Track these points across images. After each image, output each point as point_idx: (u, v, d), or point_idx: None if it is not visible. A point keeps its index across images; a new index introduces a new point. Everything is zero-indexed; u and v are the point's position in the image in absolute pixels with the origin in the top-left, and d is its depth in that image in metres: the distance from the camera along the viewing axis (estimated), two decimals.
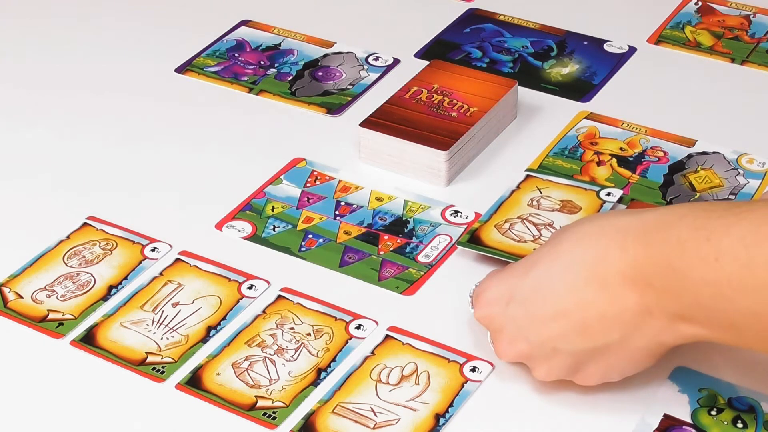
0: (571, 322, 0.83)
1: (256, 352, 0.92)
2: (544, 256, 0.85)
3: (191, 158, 1.12)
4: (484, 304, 0.88)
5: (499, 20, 1.28)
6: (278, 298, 0.96)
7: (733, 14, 1.28)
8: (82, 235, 1.03)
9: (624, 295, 0.81)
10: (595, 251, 0.82)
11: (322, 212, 1.05)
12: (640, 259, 0.80)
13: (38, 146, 1.14)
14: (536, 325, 0.84)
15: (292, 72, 1.22)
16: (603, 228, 0.83)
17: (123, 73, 1.23)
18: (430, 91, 1.12)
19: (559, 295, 0.83)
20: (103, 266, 1.00)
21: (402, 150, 1.07)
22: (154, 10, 1.33)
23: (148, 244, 1.02)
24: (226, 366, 0.91)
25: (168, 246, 1.01)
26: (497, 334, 0.87)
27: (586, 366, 0.84)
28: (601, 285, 0.81)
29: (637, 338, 0.82)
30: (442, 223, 1.03)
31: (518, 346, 0.86)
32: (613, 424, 0.86)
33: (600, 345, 0.83)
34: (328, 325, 0.94)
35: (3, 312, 0.96)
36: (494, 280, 0.88)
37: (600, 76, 1.20)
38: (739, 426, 0.85)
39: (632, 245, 0.80)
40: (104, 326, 0.94)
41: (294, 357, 0.91)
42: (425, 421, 0.86)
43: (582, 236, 0.83)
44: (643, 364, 0.84)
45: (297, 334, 0.93)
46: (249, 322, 0.94)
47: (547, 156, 1.10)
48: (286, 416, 0.87)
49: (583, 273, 0.82)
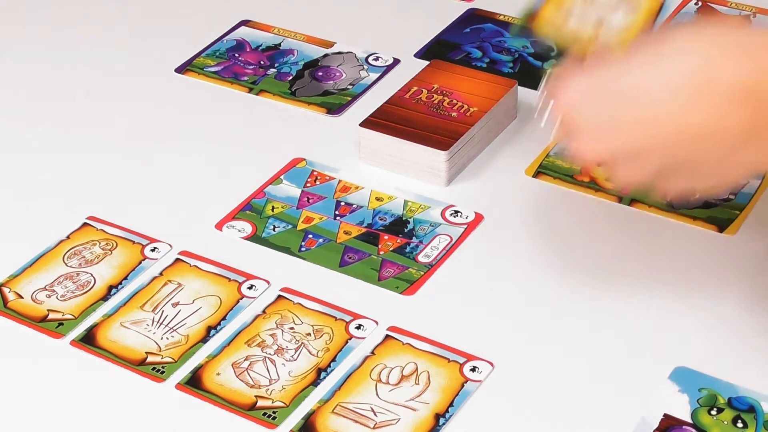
0: (669, 128, 0.77)
1: (256, 352, 0.92)
2: (640, 59, 0.78)
3: (191, 158, 1.12)
4: (568, 94, 0.80)
5: (499, 20, 1.28)
6: (278, 298, 0.96)
7: (733, 14, 1.28)
8: (82, 235, 1.03)
9: (735, 110, 0.75)
10: (707, 60, 0.76)
11: (322, 212, 1.05)
12: (756, 76, 0.75)
13: (38, 146, 1.14)
14: (628, 128, 0.78)
15: (292, 72, 1.22)
16: (713, 39, 0.77)
17: (123, 73, 1.23)
18: (430, 91, 1.12)
19: (659, 100, 0.77)
20: (103, 266, 1.00)
21: (402, 150, 1.07)
22: (154, 10, 1.33)
23: (148, 244, 1.02)
24: (226, 366, 0.91)
25: (168, 246, 1.01)
26: (578, 130, 0.81)
27: (674, 175, 0.79)
28: (711, 95, 0.75)
29: (740, 157, 0.77)
30: (442, 223, 1.03)
31: (603, 145, 0.79)
32: (613, 424, 0.86)
33: (697, 157, 0.77)
34: (328, 325, 0.94)
35: (3, 312, 0.96)
36: (581, 75, 0.81)
37: None
38: (739, 426, 0.85)
39: (748, 60, 0.75)
40: (104, 326, 0.94)
41: (294, 357, 0.91)
42: (425, 421, 0.87)
43: (689, 44, 0.77)
44: (733, 181, 0.79)
45: (297, 334, 0.93)
46: (249, 322, 0.94)
47: (547, 156, 1.10)
48: (286, 416, 0.87)
49: (690, 80, 0.76)
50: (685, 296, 0.96)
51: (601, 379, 0.89)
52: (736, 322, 0.94)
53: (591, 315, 0.95)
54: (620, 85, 0.79)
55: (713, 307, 0.95)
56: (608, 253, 1.00)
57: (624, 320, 0.94)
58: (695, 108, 0.76)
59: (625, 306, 0.95)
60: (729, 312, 0.94)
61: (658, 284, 0.97)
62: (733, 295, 0.96)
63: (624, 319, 0.94)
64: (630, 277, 0.98)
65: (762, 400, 0.87)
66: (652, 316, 0.94)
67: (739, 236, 1.01)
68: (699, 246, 1.01)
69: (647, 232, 1.02)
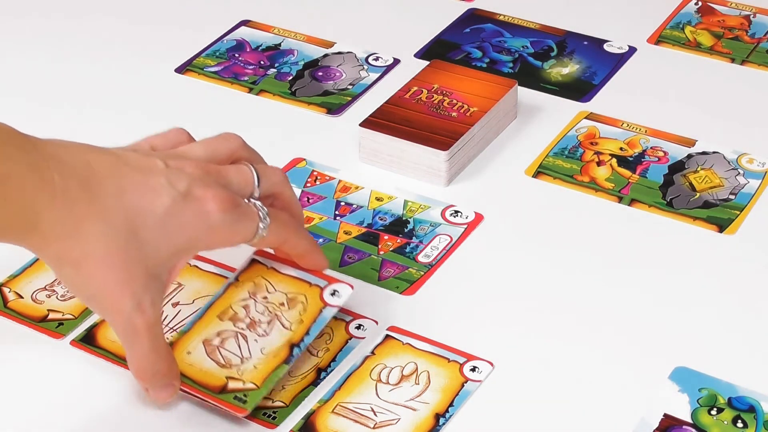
0: None
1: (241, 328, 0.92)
2: None
3: None
4: None
5: (499, 20, 1.28)
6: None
7: (733, 14, 1.28)
8: None
9: None
10: None
11: (322, 212, 1.05)
12: None
13: None
14: None
15: (292, 72, 1.22)
16: None
17: (123, 72, 1.23)
18: (430, 91, 1.12)
19: None
20: None
21: (402, 150, 1.07)
22: (154, 10, 1.33)
23: None
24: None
25: None
26: None
27: None
28: None
29: None
30: (442, 223, 1.03)
31: None
32: (613, 424, 0.86)
33: None
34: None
35: (3, 312, 0.96)
36: None
37: (600, 76, 1.20)
38: (739, 426, 0.85)
39: None
40: (104, 326, 0.94)
41: (267, 332, 0.91)
42: (425, 421, 0.87)
43: None
44: None
45: (270, 304, 0.92)
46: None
47: (547, 156, 1.10)
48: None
49: None
50: (685, 296, 0.96)
51: (600, 379, 0.89)
52: (736, 322, 0.94)
53: (591, 315, 0.95)
54: None
55: (713, 307, 0.95)
56: (608, 253, 1.00)
57: (624, 320, 0.94)
58: None
59: (625, 306, 0.95)
60: (729, 312, 0.94)
61: (658, 284, 0.97)
62: (733, 295, 0.96)
63: (624, 319, 0.94)
64: (630, 276, 0.98)
65: (762, 400, 0.87)
66: (652, 316, 0.94)
67: (739, 236, 1.01)
68: (699, 246, 1.01)
69: (647, 232, 1.02)
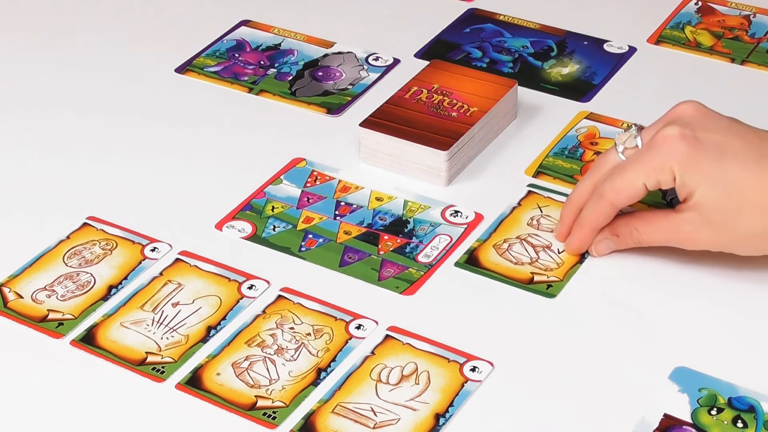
0: None
1: (256, 351, 0.92)
2: None
3: (191, 158, 1.12)
4: None
5: (499, 20, 1.28)
6: (278, 298, 0.96)
7: (733, 14, 1.28)
8: (82, 235, 1.03)
9: None
10: None
11: (322, 212, 1.05)
12: None
13: (38, 146, 1.14)
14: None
15: (292, 72, 1.22)
16: None
17: (123, 72, 1.23)
18: (430, 91, 1.12)
19: None
20: (103, 266, 1.00)
21: (402, 150, 1.07)
22: (154, 10, 1.33)
23: (148, 244, 1.02)
24: (226, 366, 0.91)
25: (168, 246, 1.01)
26: None
27: None
28: None
29: None
30: (442, 223, 1.03)
31: None
32: (613, 424, 0.86)
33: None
34: (328, 325, 0.94)
35: (3, 312, 0.96)
36: None
37: (600, 76, 1.20)
38: (739, 426, 0.85)
39: None
40: (104, 326, 0.94)
41: (294, 357, 0.91)
42: (425, 421, 0.87)
43: None
44: None
45: (297, 334, 0.93)
46: (249, 322, 0.94)
47: (547, 156, 1.10)
48: (286, 416, 0.87)
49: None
50: (685, 296, 0.96)
51: (601, 379, 0.89)
52: (737, 322, 0.94)
53: (590, 314, 0.95)
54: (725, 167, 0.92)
55: (713, 307, 0.95)
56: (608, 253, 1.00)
57: (624, 320, 0.94)
58: None
59: (625, 306, 0.95)
60: (729, 312, 0.94)
61: (657, 284, 0.97)
62: (733, 295, 0.96)
63: (624, 319, 0.94)
64: (630, 276, 0.98)
65: (762, 400, 0.87)
66: (652, 316, 0.94)
67: None
68: None
69: None
